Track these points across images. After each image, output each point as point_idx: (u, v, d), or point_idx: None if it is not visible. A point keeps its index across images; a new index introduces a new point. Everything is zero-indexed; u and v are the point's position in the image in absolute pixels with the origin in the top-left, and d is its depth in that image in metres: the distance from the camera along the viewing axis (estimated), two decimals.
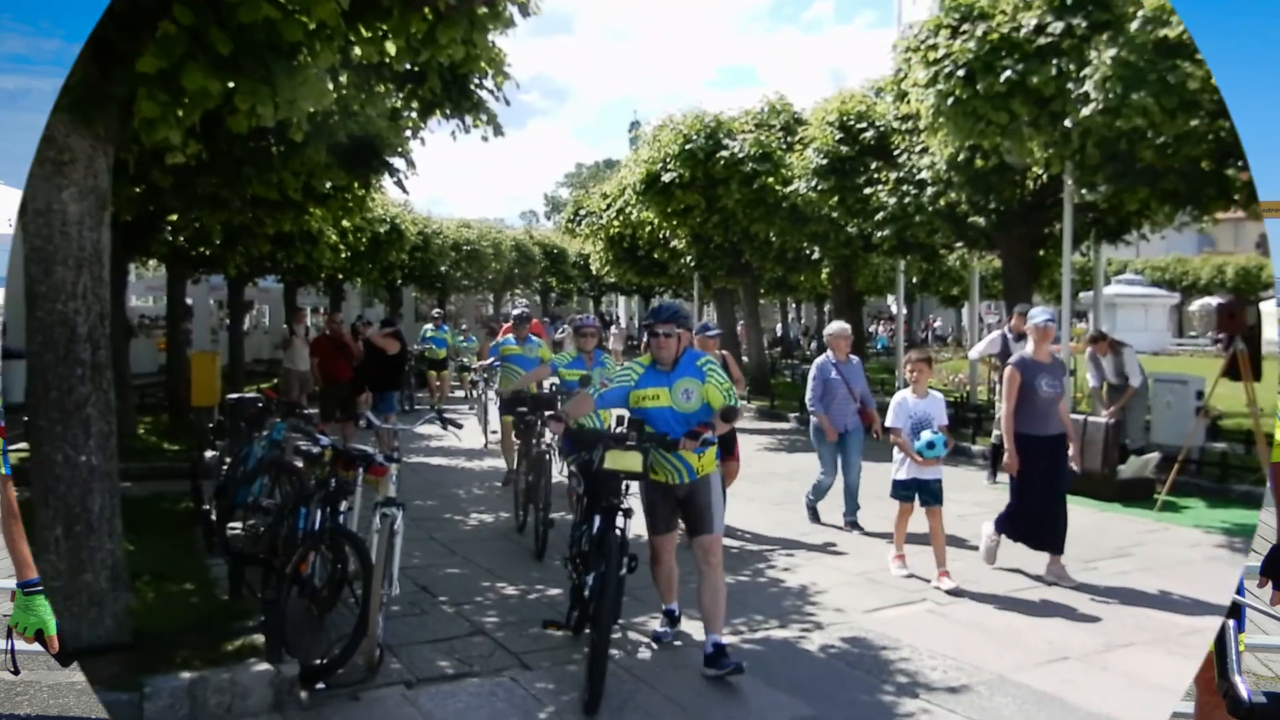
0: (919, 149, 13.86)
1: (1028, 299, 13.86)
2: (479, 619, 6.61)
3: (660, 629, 6.20)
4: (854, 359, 9.55)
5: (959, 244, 15.82)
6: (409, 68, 7.10)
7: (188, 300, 22.71)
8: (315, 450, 6.54)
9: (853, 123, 15.72)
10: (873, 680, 5.53)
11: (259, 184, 9.37)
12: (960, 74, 10.70)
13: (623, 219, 23.74)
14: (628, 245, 25.39)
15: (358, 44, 5.78)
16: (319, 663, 5.32)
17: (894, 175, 14.50)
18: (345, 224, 17.91)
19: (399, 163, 10.19)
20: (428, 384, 20.83)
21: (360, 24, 5.69)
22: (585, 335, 9.08)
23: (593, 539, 5.57)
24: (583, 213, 28.42)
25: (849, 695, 5.31)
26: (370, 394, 13.48)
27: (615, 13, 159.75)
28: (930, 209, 13.97)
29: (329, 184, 10.55)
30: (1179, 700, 5.16)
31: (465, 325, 24.74)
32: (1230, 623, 3.59)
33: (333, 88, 6.16)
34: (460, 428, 6.96)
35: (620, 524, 5.49)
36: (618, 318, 48.29)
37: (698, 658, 5.63)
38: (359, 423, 12.19)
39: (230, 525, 7.92)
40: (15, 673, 4.12)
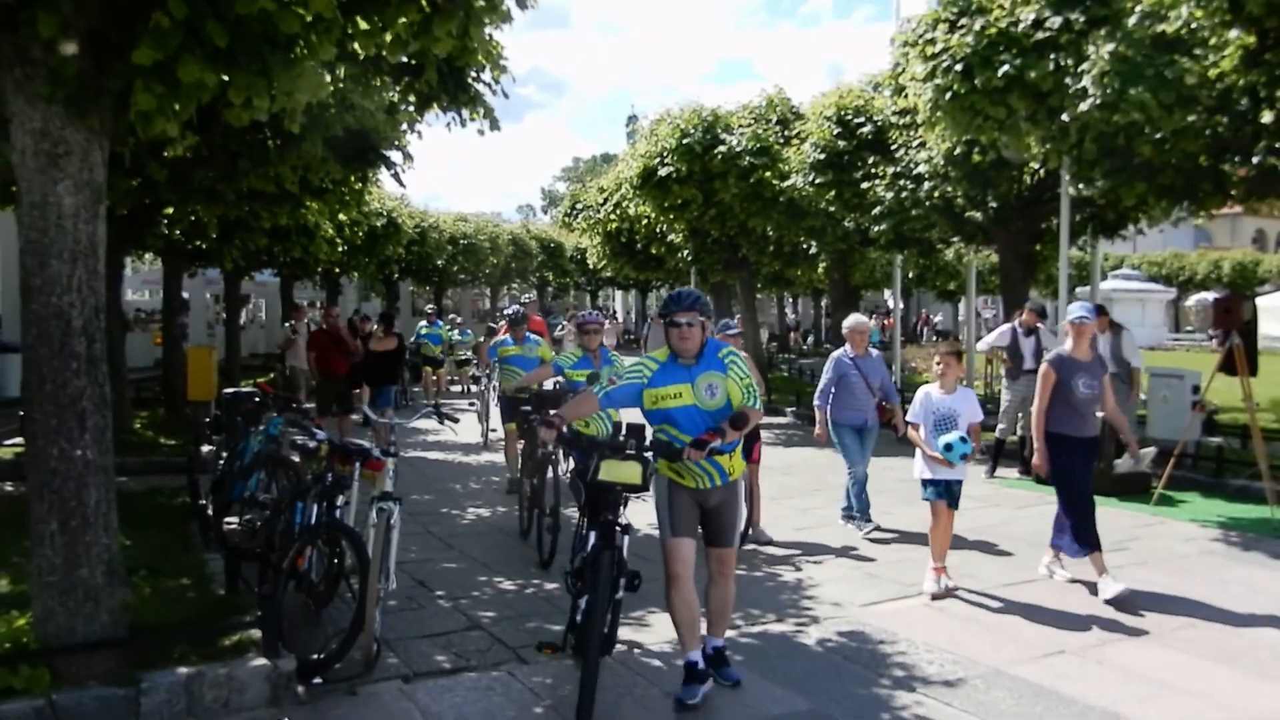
0: (916, 143, 13.84)
1: (1025, 294, 13.89)
2: (476, 614, 6.61)
3: (683, 692, 5.07)
4: (874, 352, 9.24)
5: (956, 238, 15.83)
6: (406, 61, 7.08)
7: (184, 294, 22.68)
8: (312, 445, 6.53)
9: (850, 117, 15.70)
10: (869, 674, 5.53)
11: (255, 177, 9.35)
12: (958, 68, 10.69)
13: (620, 213, 23.72)
14: (625, 239, 25.39)
15: (355, 37, 5.75)
16: (316, 657, 5.32)
17: (891, 170, 14.49)
18: (342, 218, 17.91)
19: (396, 156, 10.17)
20: (423, 380, 20.77)
21: (357, 16, 5.67)
22: (590, 332, 8.53)
23: (585, 559, 5.05)
24: (580, 207, 28.41)
25: (846, 689, 5.32)
26: (368, 389, 13.49)
27: (612, 6, 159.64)
28: (927, 203, 13.96)
29: (326, 177, 10.53)
30: (1174, 694, 5.17)
31: (460, 319, 24.73)
32: None
33: (330, 81, 6.14)
34: (457, 421, 6.96)
35: (618, 542, 5.00)
36: (614, 312, 48.29)
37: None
38: (355, 417, 12.21)
39: (227, 520, 7.92)
40: None
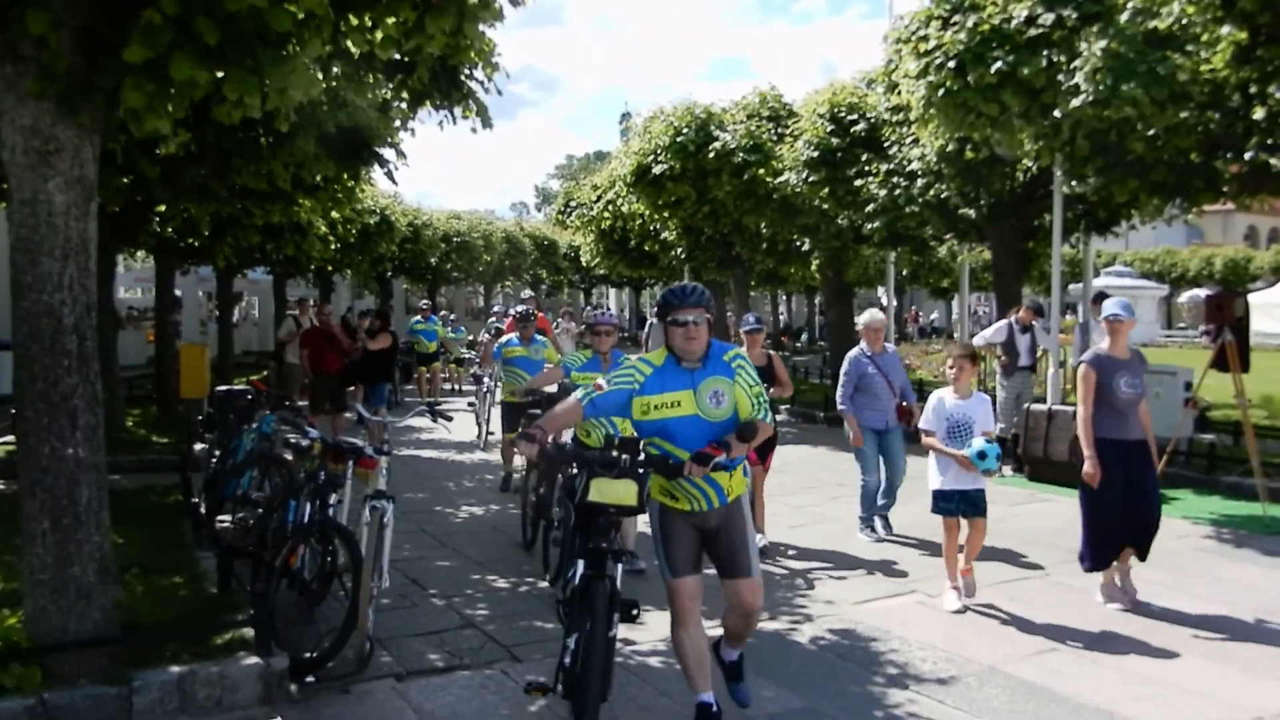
0: (910, 140, 13.86)
1: (1018, 291, 13.92)
2: (469, 612, 6.60)
3: None
4: (890, 349, 8.80)
5: (949, 236, 15.85)
6: (398, 58, 7.06)
7: (176, 292, 22.63)
8: (304, 443, 6.52)
9: (843, 114, 15.71)
10: (863, 672, 5.54)
11: (248, 175, 9.32)
12: (951, 65, 10.69)
13: (613, 210, 23.72)
14: (618, 237, 25.37)
15: (347, 34, 5.74)
16: (309, 656, 5.31)
17: (884, 167, 14.50)
18: (335, 215, 17.86)
19: (388, 154, 10.15)
20: (416, 378, 20.48)
21: (349, 14, 5.66)
22: (601, 333, 7.82)
23: (576, 590, 4.43)
24: (573, 204, 28.38)
25: (839, 687, 5.32)
26: (361, 387, 13.47)
27: (606, 3, 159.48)
28: (920, 201, 13.98)
29: (318, 175, 10.49)
30: (1168, 692, 5.19)
31: (454, 316, 24.69)
32: None
33: (322, 78, 6.13)
34: (450, 420, 6.95)
35: (610, 571, 4.40)
36: (608, 309, 48.16)
37: None
38: (349, 415, 12.18)
39: (219, 518, 7.91)
40: None
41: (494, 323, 21.12)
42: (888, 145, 14.55)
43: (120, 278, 28.31)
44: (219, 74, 4.64)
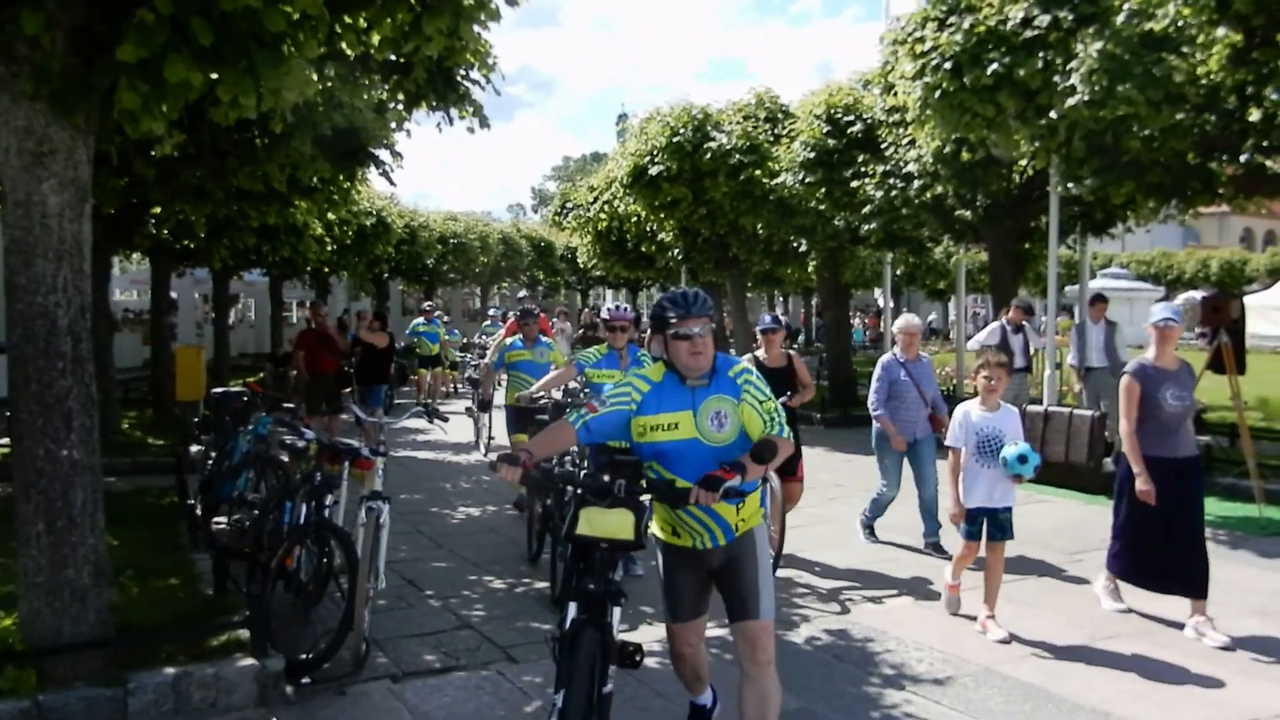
0: (906, 142, 13.86)
1: (1014, 292, 13.92)
2: (466, 613, 6.59)
3: None
4: (924, 357, 8.34)
5: (945, 237, 15.85)
6: (394, 59, 7.06)
7: (172, 294, 22.60)
8: (301, 444, 6.51)
9: (840, 115, 15.71)
10: (859, 672, 5.54)
11: (243, 176, 9.31)
12: (947, 66, 10.70)
13: (610, 211, 23.70)
14: (615, 238, 25.35)
15: (342, 35, 5.73)
16: (305, 657, 5.30)
17: (881, 168, 14.50)
18: (331, 217, 17.85)
19: (385, 155, 10.15)
20: (417, 381, 20.10)
21: (344, 15, 5.65)
22: (617, 328, 7.39)
23: (565, 636, 3.80)
24: (570, 205, 28.38)
25: (836, 687, 5.32)
26: (358, 388, 13.45)
27: (602, 4, 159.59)
28: (917, 202, 13.98)
29: (314, 176, 10.49)
30: (1163, 692, 5.18)
31: (448, 318, 24.65)
32: None
33: (318, 79, 6.12)
34: (446, 420, 6.94)
35: (609, 618, 3.82)
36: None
37: None
38: (345, 417, 12.17)
39: (215, 520, 7.90)
40: None
41: (489, 326, 20.98)
42: (884, 146, 14.56)
43: (116, 280, 28.27)
44: (214, 75, 4.64)
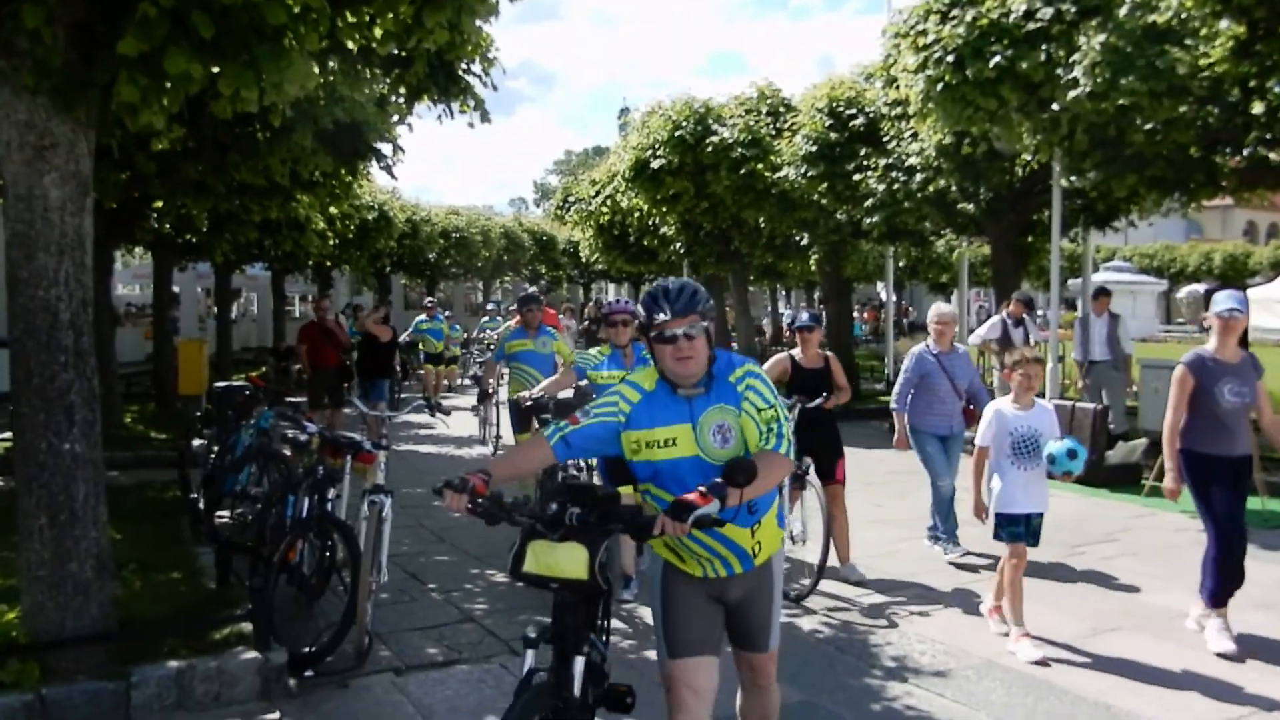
0: (908, 135, 13.85)
1: (1016, 286, 13.92)
2: (468, 606, 6.60)
3: None
4: (959, 348, 7.91)
5: (948, 231, 15.84)
6: (396, 53, 7.05)
7: (174, 288, 22.61)
8: (303, 438, 6.52)
9: (842, 109, 15.69)
10: (862, 665, 5.54)
11: (245, 170, 9.29)
12: (949, 59, 10.69)
13: (612, 206, 23.69)
14: (617, 232, 25.34)
15: (343, 28, 5.72)
16: (307, 650, 5.32)
17: (883, 162, 14.49)
18: (333, 211, 17.78)
19: (386, 149, 10.13)
20: (423, 378, 19.63)
21: (345, 8, 5.64)
22: (618, 324, 6.81)
23: (528, 689, 3.24)
24: (572, 199, 28.34)
25: (838, 680, 5.32)
26: (360, 382, 13.45)
27: None
28: (919, 195, 13.97)
29: (316, 170, 10.47)
30: (1164, 685, 5.18)
31: (449, 313, 24.63)
32: None
33: (319, 73, 6.11)
34: (448, 414, 6.94)
35: (574, 670, 3.23)
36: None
37: None
38: (347, 410, 12.18)
39: (218, 513, 7.92)
40: None
41: (486, 322, 20.86)
42: (886, 140, 14.54)
43: (118, 274, 28.30)
44: (214, 68, 4.63)
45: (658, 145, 18.86)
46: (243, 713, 4.89)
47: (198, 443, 9.33)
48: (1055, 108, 10.06)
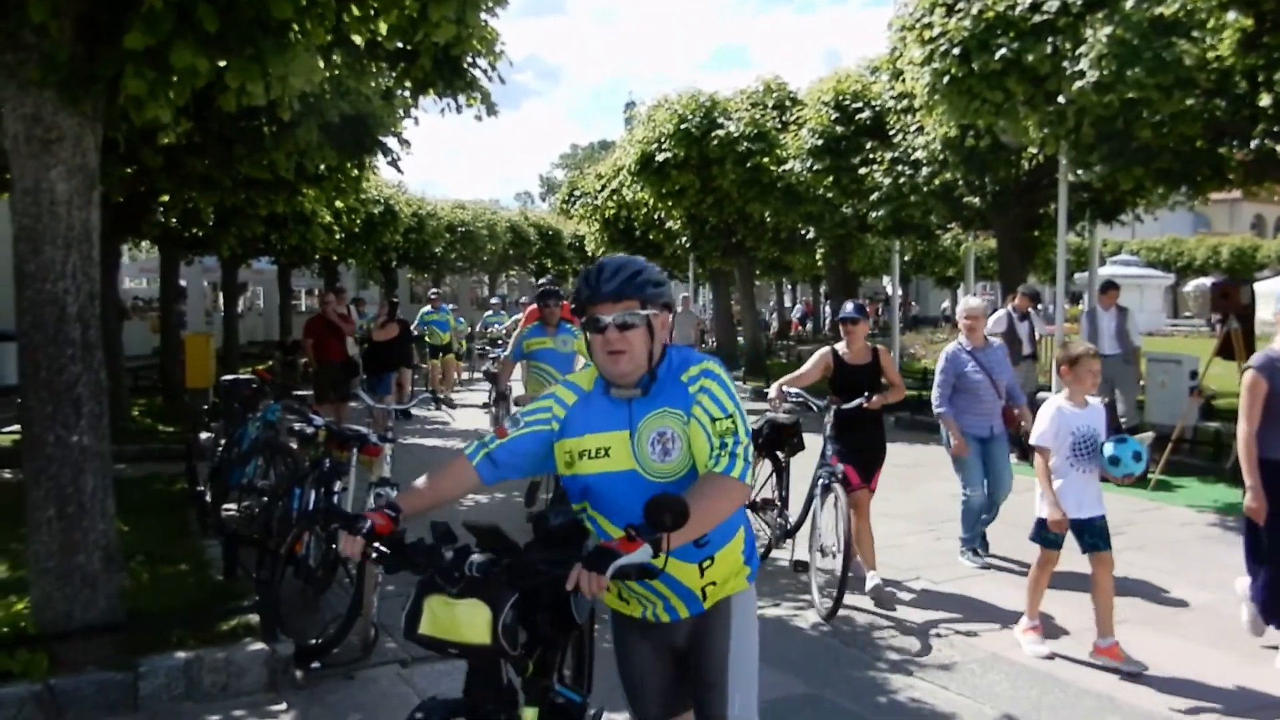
0: (914, 128, 13.81)
1: (1023, 280, 13.89)
2: None
3: None
4: (995, 343, 7.59)
5: (954, 224, 15.82)
6: (402, 46, 7.06)
7: (181, 282, 22.64)
8: (309, 431, 6.54)
9: (848, 102, 15.67)
10: (866, 657, 5.55)
11: (250, 164, 9.32)
12: (955, 52, 10.65)
13: (617, 200, 23.69)
14: (623, 226, 25.35)
15: (349, 22, 5.73)
16: (314, 642, 5.34)
17: (889, 155, 14.46)
18: (339, 205, 17.82)
19: (392, 143, 10.14)
20: (429, 371, 19.44)
21: (351, 2, 5.65)
22: None
23: None
24: (578, 194, 28.35)
25: (842, 672, 5.33)
26: (366, 376, 13.49)
27: None
28: (925, 189, 13.94)
29: (321, 164, 10.49)
30: (1169, 678, 5.19)
31: (455, 306, 24.61)
32: None
33: (324, 66, 6.12)
34: (454, 407, 6.95)
35: None
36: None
37: None
38: (354, 404, 12.21)
39: (225, 506, 7.94)
40: None
41: (491, 316, 20.81)
42: (892, 133, 14.51)
43: (125, 268, 28.34)
44: (220, 62, 4.64)
45: (663, 139, 18.86)
46: (250, 704, 4.92)
47: (205, 436, 9.34)
48: (1061, 100, 10.02)
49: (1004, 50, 10.26)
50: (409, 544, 2.74)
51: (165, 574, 6.42)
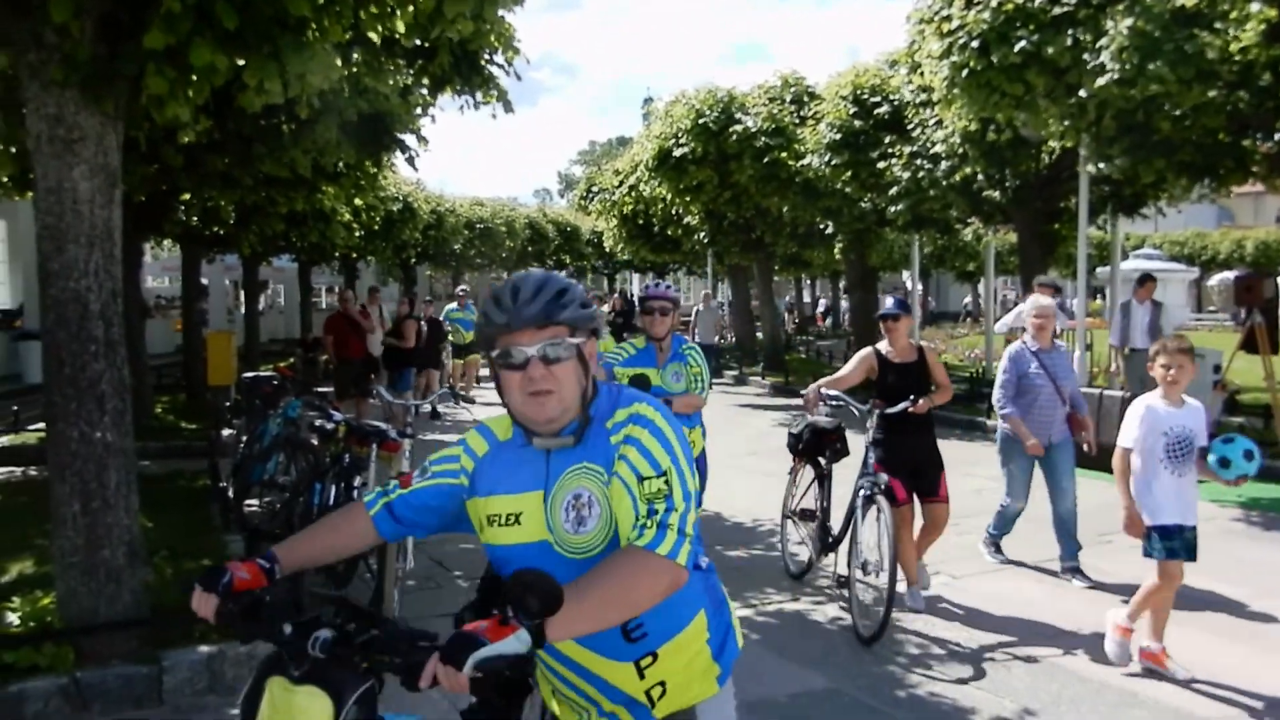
0: (933, 122, 13.75)
1: (1044, 273, 13.81)
2: None
3: None
4: (1060, 345, 7.14)
5: (974, 218, 15.75)
6: (419, 43, 7.08)
7: (203, 280, 22.81)
8: (329, 427, 6.58)
9: (866, 96, 15.62)
10: (885, 651, 5.54)
11: (270, 162, 9.38)
12: (974, 45, 10.59)
13: (636, 195, 23.70)
14: (641, 222, 25.37)
15: (365, 19, 5.76)
16: None
17: (908, 149, 14.41)
18: (358, 202, 17.94)
19: (410, 140, 10.17)
20: (451, 371, 19.77)
21: (370, 1, 5.68)
22: (655, 311, 5.84)
23: None
24: (596, 189, 28.40)
25: (862, 667, 5.32)
26: (386, 372, 13.56)
27: None
28: (945, 183, 13.88)
29: (340, 162, 10.54)
30: (1189, 671, 5.15)
31: (471, 304, 24.63)
32: None
33: (342, 64, 6.16)
34: (473, 403, 6.98)
35: None
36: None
37: None
38: (373, 401, 12.27)
39: (247, 502, 8.01)
40: None
41: None
42: (911, 127, 14.46)
43: (148, 267, 28.60)
44: (239, 60, 4.67)
45: (681, 134, 18.86)
46: None
47: (227, 432, 9.44)
48: (1082, 94, 9.95)
49: (1024, 43, 10.20)
50: (268, 605, 2.17)
51: (188, 569, 6.47)
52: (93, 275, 4.89)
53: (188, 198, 12.95)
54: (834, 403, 6.34)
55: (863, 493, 5.95)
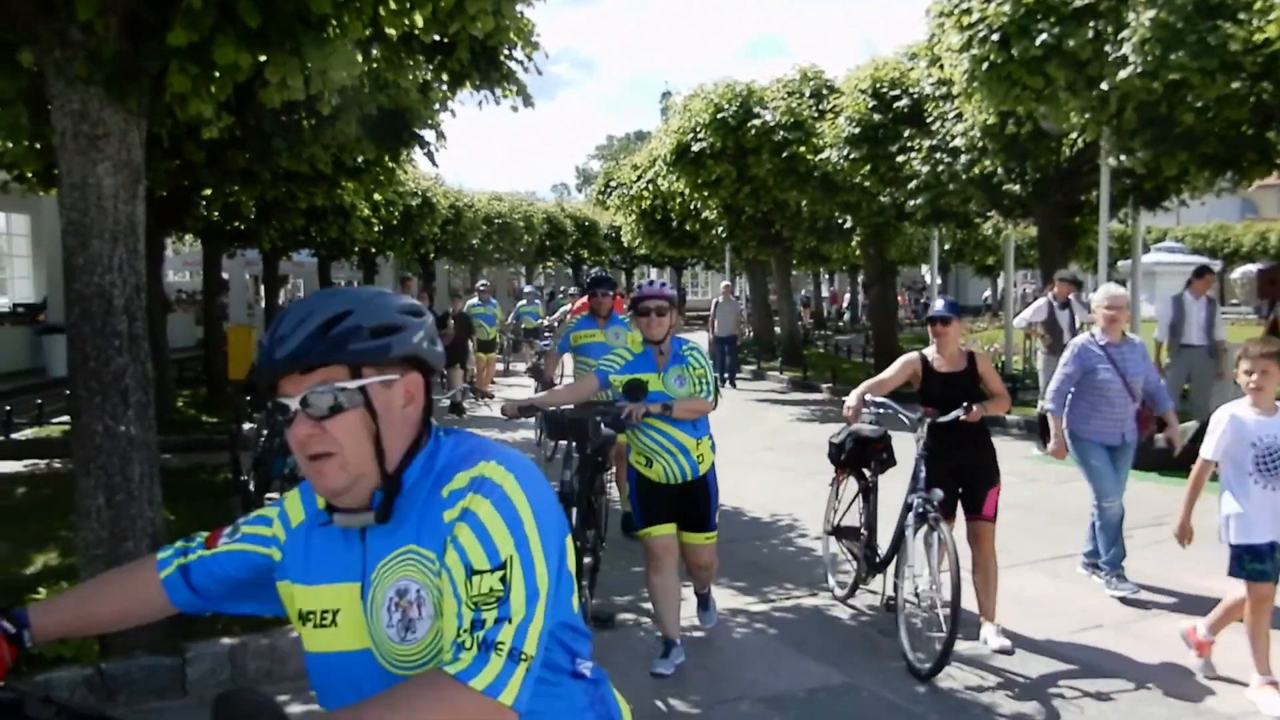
0: (953, 116, 13.69)
1: (1064, 267, 13.72)
2: None
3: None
4: (1134, 339, 6.65)
5: (993, 212, 15.66)
6: (438, 39, 7.10)
7: (223, 275, 22.97)
8: None
9: (885, 90, 15.55)
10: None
11: (290, 158, 9.42)
12: (995, 38, 10.54)
13: (654, 190, 23.70)
14: (659, 217, 25.36)
15: (385, 16, 5.78)
16: None
17: (927, 143, 14.34)
18: (377, 197, 17.99)
19: (429, 135, 10.21)
20: (474, 367, 19.53)
21: None
22: (651, 312, 5.12)
23: None
24: (614, 184, 28.41)
25: (880, 662, 5.32)
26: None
27: None
28: (964, 177, 13.81)
29: (359, 157, 10.59)
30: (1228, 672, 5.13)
31: (493, 299, 24.69)
32: None
33: (363, 60, 6.18)
34: (491, 397, 7.00)
35: None
36: (658, 279, 47.97)
37: (728, 622, 5.65)
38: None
39: (268, 495, 8.05)
40: None
41: (524, 307, 20.80)
42: (931, 121, 14.39)
43: (169, 261, 28.81)
44: (261, 57, 4.71)
45: (699, 128, 18.83)
46: (294, 689, 4.99)
47: (248, 426, 9.48)
48: (1104, 86, 9.88)
49: (1044, 35, 10.14)
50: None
51: None
52: (117, 270, 4.94)
53: (209, 193, 13.02)
54: (878, 409, 5.86)
55: (915, 510, 5.38)
